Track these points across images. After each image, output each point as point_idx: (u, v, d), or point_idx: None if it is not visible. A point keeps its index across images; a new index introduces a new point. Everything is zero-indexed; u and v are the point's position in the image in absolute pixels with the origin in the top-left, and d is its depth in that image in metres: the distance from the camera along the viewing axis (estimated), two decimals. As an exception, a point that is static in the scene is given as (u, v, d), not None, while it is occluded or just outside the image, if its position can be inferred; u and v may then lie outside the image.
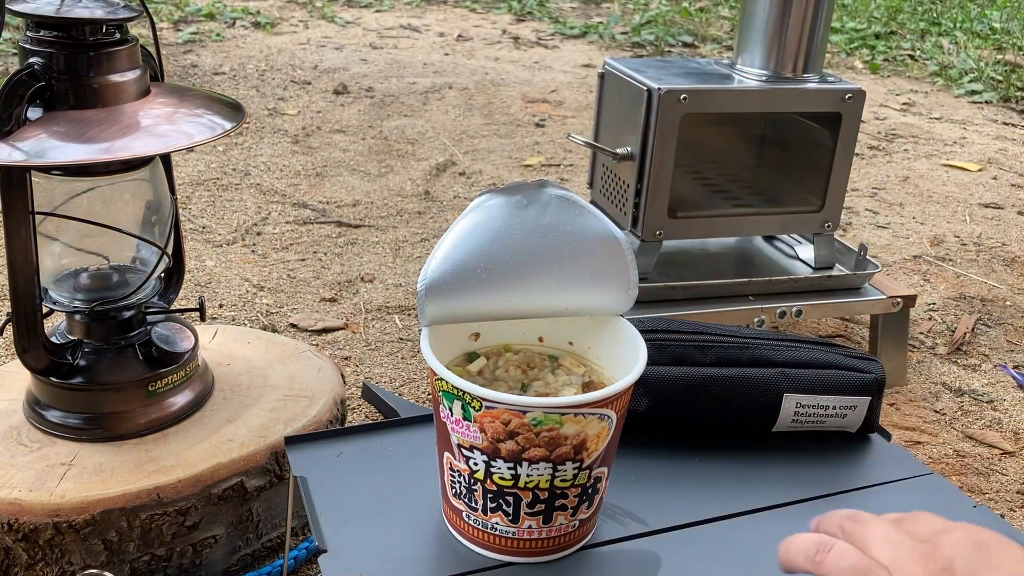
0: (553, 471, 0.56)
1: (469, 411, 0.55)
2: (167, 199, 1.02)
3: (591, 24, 4.18)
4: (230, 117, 0.92)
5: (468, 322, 0.66)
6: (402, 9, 4.40)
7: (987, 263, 1.94)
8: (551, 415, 0.53)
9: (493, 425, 0.54)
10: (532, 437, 0.54)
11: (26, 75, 0.84)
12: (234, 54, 3.30)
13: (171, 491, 0.92)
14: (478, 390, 0.54)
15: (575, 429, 0.54)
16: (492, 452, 0.55)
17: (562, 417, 0.54)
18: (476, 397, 0.54)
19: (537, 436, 0.54)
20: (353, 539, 0.70)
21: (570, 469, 0.56)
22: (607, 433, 0.57)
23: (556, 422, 0.54)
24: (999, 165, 2.58)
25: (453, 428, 0.57)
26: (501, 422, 0.54)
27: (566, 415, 0.54)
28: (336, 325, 1.53)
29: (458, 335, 0.67)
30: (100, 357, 0.98)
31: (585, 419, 0.54)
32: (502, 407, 0.53)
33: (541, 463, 0.55)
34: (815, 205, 1.38)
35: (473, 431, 0.55)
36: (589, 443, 0.56)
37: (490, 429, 0.54)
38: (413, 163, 2.32)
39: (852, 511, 0.52)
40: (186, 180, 2.10)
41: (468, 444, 0.56)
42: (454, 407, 0.56)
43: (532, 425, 0.53)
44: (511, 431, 0.54)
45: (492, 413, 0.54)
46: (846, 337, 1.60)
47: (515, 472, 0.56)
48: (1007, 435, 1.35)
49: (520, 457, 0.55)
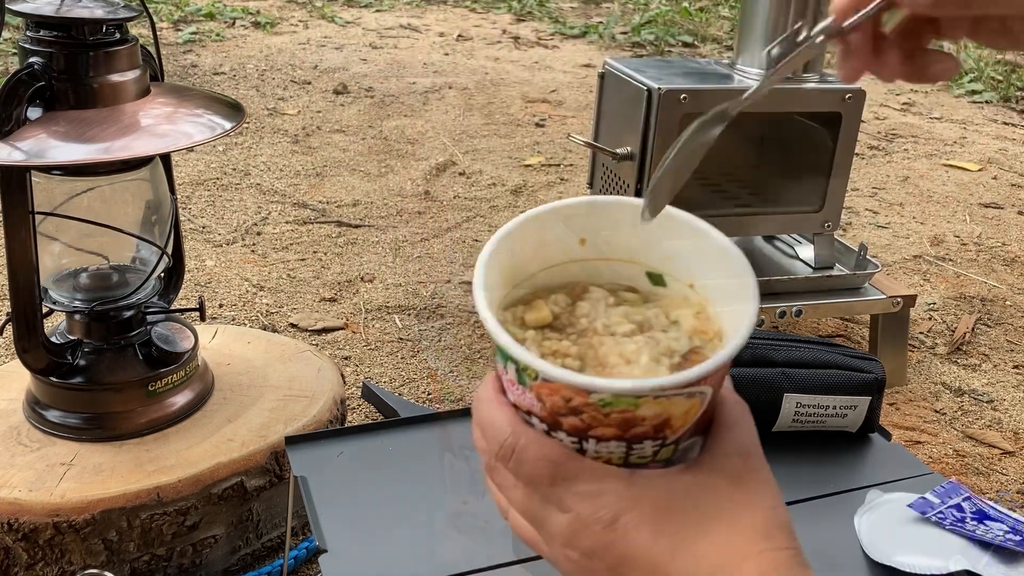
0: (628, 449, 0.46)
1: (524, 378, 0.46)
2: (167, 199, 1.02)
3: (591, 24, 4.18)
4: (230, 117, 0.92)
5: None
6: (402, 9, 4.40)
7: (987, 263, 1.94)
8: (623, 398, 0.44)
9: (552, 398, 0.45)
10: (600, 417, 0.45)
11: (26, 75, 0.84)
12: (234, 54, 3.30)
13: (171, 491, 0.92)
14: (531, 360, 0.44)
15: (655, 410, 0.45)
16: (553, 423, 0.46)
17: (639, 400, 0.44)
18: (529, 367, 0.45)
19: (606, 417, 0.45)
20: (353, 539, 0.70)
21: (649, 447, 0.46)
22: (699, 408, 0.46)
23: (631, 404, 0.44)
24: (999, 165, 2.58)
25: (508, 387, 0.48)
26: (561, 397, 0.45)
27: (643, 397, 0.44)
28: (336, 325, 1.53)
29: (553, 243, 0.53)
30: (100, 357, 0.98)
31: (669, 400, 0.44)
32: (561, 383, 0.44)
33: (612, 441, 0.46)
34: (815, 205, 1.38)
35: (529, 398, 0.46)
36: (674, 421, 0.46)
37: (549, 401, 0.45)
38: (413, 163, 2.32)
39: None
40: (186, 180, 2.10)
41: (525, 408, 0.47)
42: (508, 367, 0.47)
43: (599, 406, 0.44)
44: (573, 408, 0.45)
45: (550, 386, 0.44)
46: (846, 337, 1.60)
47: (580, 446, 0.46)
48: (1007, 435, 1.35)
49: (586, 434, 0.46)
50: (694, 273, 0.52)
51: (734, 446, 0.47)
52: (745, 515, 0.44)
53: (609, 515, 0.44)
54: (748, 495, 0.45)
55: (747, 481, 0.46)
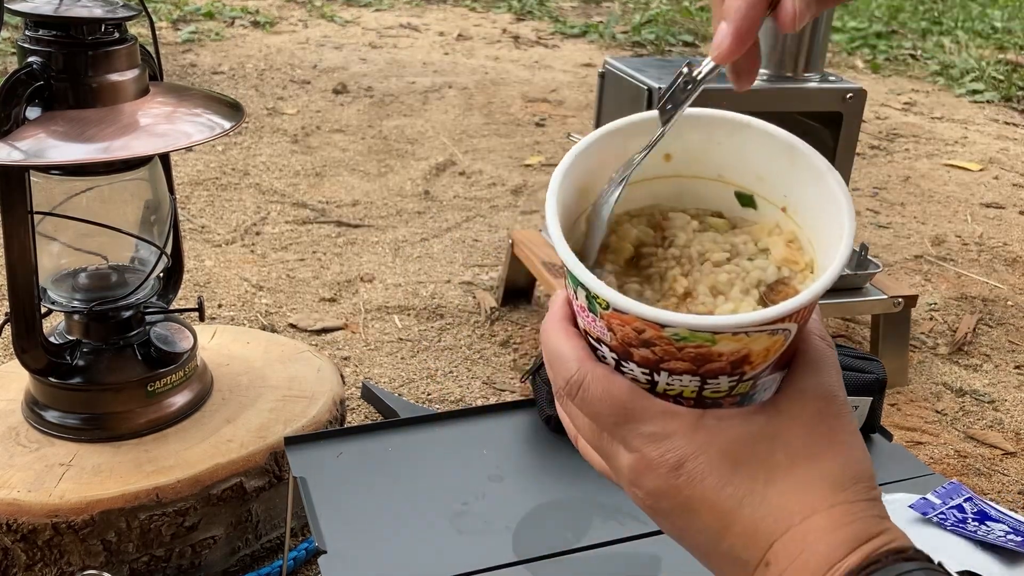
0: (702, 384, 0.43)
1: (595, 306, 0.43)
2: (166, 199, 1.01)
3: (591, 23, 4.18)
4: (229, 116, 0.92)
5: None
6: (402, 8, 4.40)
7: (988, 263, 1.93)
8: (699, 333, 0.41)
9: (623, 329, 0.42)
10: (673, 351, 0.42)
11: (25, 74, 0.83)
12: (233, 53, 3.30)
13: (170, 492, 0.91)
14: (601, 289, 0.41)
15: (733, 347, 0.41)
16: (623, 353, 0.43)
17: (716, 335, 0.41)
18: (599, 296, 0.42)
19: (680, 351, 0.42)
20: (352, 539, 0.70)
21: (725, 382, 0.43)
22: (781, 345, 0.43)
23: (707, 340, 0.41)
24: (1000, 165, 2.57)
25: (579, 312, 0.46)
26: (633, 329, 0.42)
27: (721, 334, 0.41)
28: (335, 325, 1.53)
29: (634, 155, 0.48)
30: (99, 357, 0.97)
31: (749, 336, 0.41)
32: (633, 314, 0.41)
33: (685, 375, 0.43)
34: (816, 205, 1.38)
35: (600, 326, 0.44)
36: (754, 357, 0.43)
37: (620, 332, 0.43)
38: (413, 163, 2.32)
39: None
40: (185, 180, 2.10)
41: (595, 336, 0.45)
42: (578, 293, 0.44)
43: (673, 339, 0.41)
44: (645, 340, 0.42)
45: (622, 317, 0.42)
46: (847, 337, 1.60)
47: (651, 378, 0.44)
48: (1008, 435, 1.35)
49: (658, 366, 0.43)
50: (787, 195, 0.48)
51: (816, 388, 0.44)
52: (820, 465, 0.42)
53: (675, 459, 0.42)
54: (825, 443, 0.43)
55: (826, 428, 0.43)
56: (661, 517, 0.45)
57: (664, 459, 0.43)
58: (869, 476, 0.43)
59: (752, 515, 0.42)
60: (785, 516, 0.41)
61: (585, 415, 0.45)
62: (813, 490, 0.42)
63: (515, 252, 1.54)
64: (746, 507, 0.42)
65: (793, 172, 0.46)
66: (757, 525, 0.42)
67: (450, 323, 1.56)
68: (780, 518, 0.41)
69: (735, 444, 0.43)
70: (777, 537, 0.41)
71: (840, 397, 0.45)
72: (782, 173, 0.47)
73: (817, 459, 0.43)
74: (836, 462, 0.43)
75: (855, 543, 0.40)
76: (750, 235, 0.48)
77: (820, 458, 0.43)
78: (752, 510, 0.42)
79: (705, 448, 0.42)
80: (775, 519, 0.41)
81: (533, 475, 0.81)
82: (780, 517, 0.41)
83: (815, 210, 0.46)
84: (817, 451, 0.43)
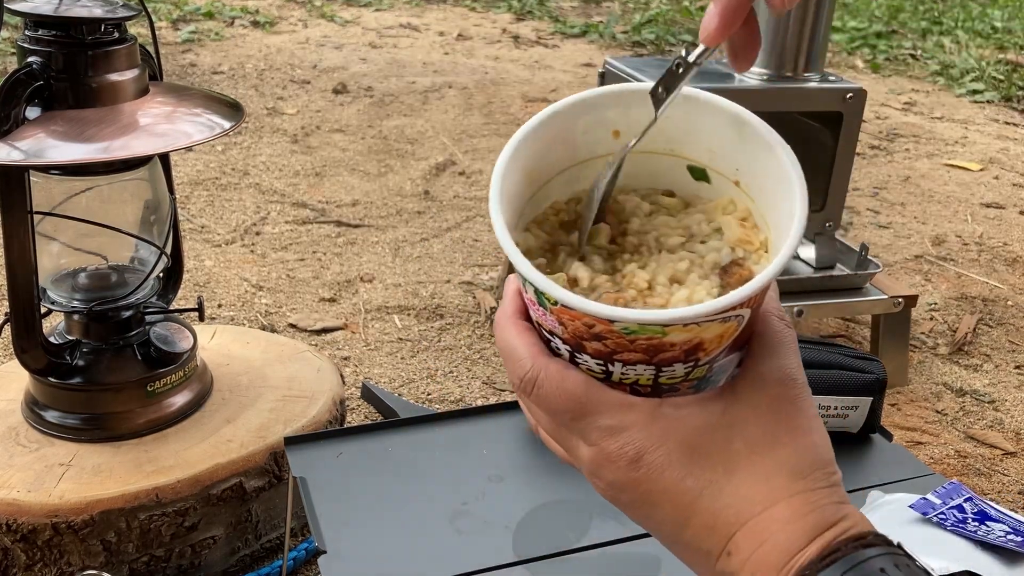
0: (657, 372, 0.43)
1: (543, 300, 0.42)
2: (166, 199, 1.01)
3: (591, 23, 4.18)
4: (229, 116, 0.92)
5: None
6: (401, 8, 4.40)
7: (989, 263, 1.93)
8: (649, 327, 0.40)
9: (574, 324, 0.42)
10: (625, 343, 0.41)
11: (24, 74, 0.83)
12: (233, 53, 3.30)
13: (170, 492, 0.91)
14: (547, 285, 0.41)
15: (685, 336, 0.41)
16: (576, 345, 0.43)
17: (666, 328, 0.40)
18: (545, 293, 0.41)
19: (632, 344, 0.41)
20: (352, 540, 0.70)
21: (680, 369, 0.43)
22: (735, 331, 0.43)
23: (657, 332, 0.41)
24: (1001, 165, 2.57)
25: (529, 305, 0.45)
26: (583, 323, 0.41)
27: (671, 326, 0.40)
28: (335, 325, 1.53)
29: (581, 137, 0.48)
30: (99, 357, 0.97)
31: (700, 326, 0.41)
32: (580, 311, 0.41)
33: (639, 365, 0.42)
34: (816, 205, 1.38)
35: (551, 320, 0.43)
36: (707, 344, 0.42)
37: (570, 326, 0.42)
38: (413, 163, 2.32)
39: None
40: (185, 180, 2.10)
41: (548, 328, 0.44)
42: (527, 286, 0.44)
43: (624, 332, 0.41)
44: (596, 334, 0.42)
45: (570, 312, 0.41)
46: (847, 337, 1.59)
47: (606, 369, 0.43)
48: (1009, 435, 1.34)
49: (611, 358, 0.42)
50: (739, 168, 0.47)
51: (774, 372, 0.44)
52: (779, 453, 0.42)
53: (634, 451, 0.42)
54: (784, 430, 0.43)
55: (784, 414, 0.43)
56: (623, 507, 0.44)
57: (623, 452, 0.42)
58: (829, 461, 0.43)
59: (712, 506, 0.42)
60: (746, 507, 0.41)
61: (541, 410, 0.45)
62: (773, 479, 0.42)
63: (515, 252, 1.54)
64: (706, 498, 0.42)
65: (743, 145, 0.45)
66: (717, 516, 0.42)
67: (450, 323, 1.56)
68: (741, 509, 0.41)
69: (693, 434, 0.42)
70: (738, 528, 0.41)
71: (800, 380, 0.45)
72: (733, 146, 0.46)
73: (776, 447, 0.42)
74: (795, 449, 0.43)
75: (815, 532, 0.40)
76: (704, 214, 0.48)
77: (779, 445, 0.42)
78: (712, 501, 0.42)
79: (663, 440, 0.42)
80: (735, 511, 0.41)
81: (533, 475, 0.81)
82: (741, 508, 0.41)
83: (768, 183, 0.46)
84: (776, 438, 0.42)
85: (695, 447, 0.42)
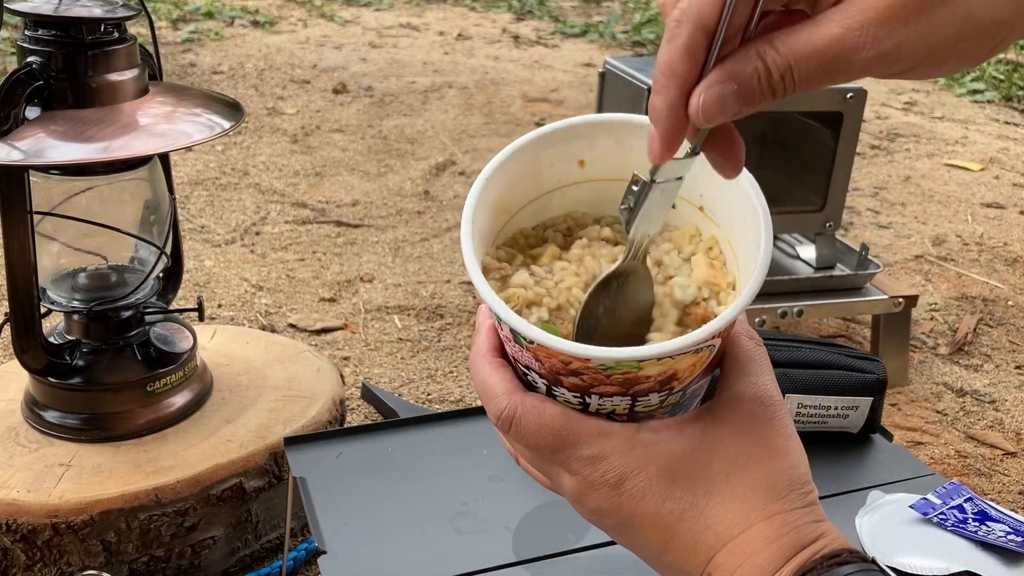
0: (633, 402, 0.44)
1: (520, 339, 0.43)
2: (165, 199, 1.01)
3: (591, 23, 4.18)
4: (229, 116, 0.92)
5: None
6: (401, 8, 4.40)
7: (989, 263, 1.93)
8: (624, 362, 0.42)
9: (550, 360, 0.43)
10: (601, 378, 0.43)
11: (24, 74, 0.83)
12: (233, 53, 3.30)
13: (170, 492, 0.91)
14: (523, 327, 0.42)
15: (659, 369, 0.42)
16: (553, 380, 0.44)
17: (641, 363, 0.42)
18: (521, 334, 0.42)
19: (608, 378, 0.43)
20: (352, 540, 0.69)
21: (655, 398, 0.44)
22: (707, 358, 0.44)
23: (633, 367, 0.42)
24: (1001, 165, 2.57)
25: (505, 342, 0.46)
26: (560, 360, 0.42)
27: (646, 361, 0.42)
28: (335, 325, 1.53)
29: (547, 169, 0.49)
30: (98, 357, 0.97)
31: (674, 359, 0.42)
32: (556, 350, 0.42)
33: (615, 396, 0.44)
34: (816, 205, 1.38)
35: (527, 356, 0.44)
36: (681, 374, 0.44)
37: (547, 363, 0.43)
38: (412, 162, 2.32)
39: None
40: (184, 179, 2.10)
41: (524, 364, 0.45)
42: (503, 325, 0.45)
43: (600, 368, 0.42)
44: (573, 370, 0.43)
45: (547, 350, 0.42)
46: (847, 337, 1.59)
47: (583, 400, 0.44)
48: (1009, 435, 1.34)
49: (588, 390, 0.44)
50: (702, 194, 0.48)
51: (749, 391, 0.45)
52: (756, 473, 0.43)
53: (615, 478, 0.43)
54: (760, 448, 0.44)
55: (760, 433, 0.44)
56: (608, 531, 0.46)
57: (605, 479, 0.43)
58: (805, 481, 0.44)
59: (692, 528, 0.43)
60: (724, 529, 0.42)
61: (522, 445, 0.46)
62: (750, 500, 0.43)
63: (515, 252, 1.54)
64: (687, 521, 0.43)
65: (704, 171, 0.45)
66: (697, 539, 0.43)
67: (450, 323, 1.56)
68: (719, 532, 0.42)
69: (672, 459, 0.43)
70: (718, 550, 0.42)
71: (775, 398, 0.46)
72: (695, 173, 0.46)
73: (753, 466, 0.43)
74: (772, 468, 0.43)
75: (791, 552, 0.42)
76: (672, 243, 0.49)
77: (756, 465, 0.43)
78: (692, 523, 0.43)
79: (643, 465, 0.43)
80: (715, 534, 0.42)
81: (533, 475, 0.81)
82: (719, 531, 0.42)
83: (734, 212, 0.47)
84: (753, 458, 0.43)
85: (674, 471, 0.43)
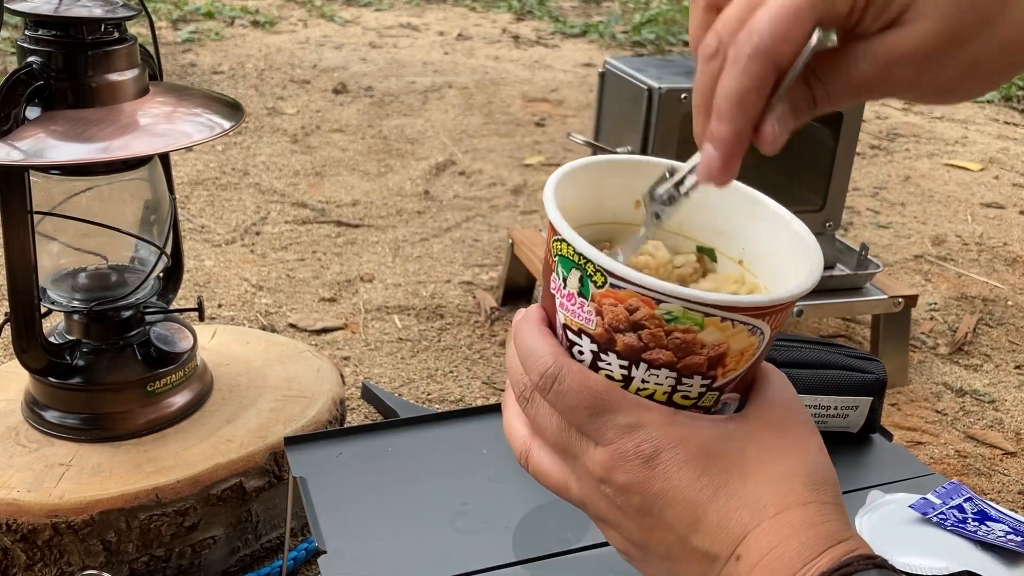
0: (676, 383, 0.45)
1: (588, 286, 0.44)
2: (166, 199, 1.01)
3: (591, 23, 4.18)
4: (229, 116, 0.92)
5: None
6: (401, 8, 4.40)
7: (989, 263, 1.93)
8: (692, 312, 0.42)
9: (615, 310, 0.43)
10: (660, 335, 0.43)
11: (24, 74, 0.83)
12: (233, 53, 3.30)
13: (170, 492, 0.91)
14: (605, 261, 0.42)
15: (717, 338, 0.43)
16: (606, 342, 0.44)
17: (705, 319, 0.42)
18: (601, 269, 0.43)
19: (667, 336, 0.43)
20: (352, 540, 0.69)
21: (697, 385, 0.45)
22: (754, 352, 0.45)
23: (696, 323, 0.42)
24: (1001, 165, 2.57)
25: (563, 303, 0.46)
26: (625, 308, 0.43)
27: (711, 317, 0.42)
28: (335, 325, 1.53)
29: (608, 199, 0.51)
30: (99, 357, 0.97)
31: (734, 327, 0.43)
32: (632, 289, 0.42)
33: (663, 369, 0.44)
34: (816, 204, 1.38)
35: (587, 312, 0.44)
36: (729, 359, 0.44)
37: (609, 314, 0.43)
38: (413, 162, 2.32)
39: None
40: (185, 179, 2.10)
41: (577, 327, 0.45)
42: (570, 278, 0.45)
43: (664, 320, 0.42)
44: (635, 321, 0.43)
45: (617, 295, 0.43)
46: (847, 337, 1.59)
47: (628, 373, 0.45)
48: (1009, 435, 1.35)
49: (639, 356, 0.44)
50: (744, 247, 0.50)
51: (779, 399, 0.46)
52: (790, 463, 0.43)
53: (651, 449, 0.43)
54: (793, 444, 0.44)
55: (792, 430, 0.45)
56: (629, 517, 0.44)
57: (639, 450, 0.43)
58: (836, 482, 0.44)
59: (726, 506, 0.42)
60: (759, 508, 0.42)
61: (558, 410, 0.45)
62: (787, 484, 0.42)
63: (515, 252, 1.54)
64: (720, 498, 0.42)
65: (753, 223, 0.47)
66: (731, 516, 0.42)
67: (450, 323, 1.56)
68: (755, 510, 0.42)
69: (709, 439, 0.43)
70: (751, 530, 0.41)
71: (803, 410, 0.46)
72: (741, 226, 0.47)
73: (788, 458, 0.43)
74: (807, 462, 0.44)
75: (827, 543, 0.41)
76: (714, 283, 0.50)
77: (791, 457, 0.43)
78: (726, 500, 0.42)
79: (680, 441, 0.43)
80: (750, 512, 0.42)
81: (533, 475, 0.81)
82: (755, 509, 0.42)
83: (776, 259, 0.48)
84: (787, 452, 0.44)
85: (710, 451, 0.43)
